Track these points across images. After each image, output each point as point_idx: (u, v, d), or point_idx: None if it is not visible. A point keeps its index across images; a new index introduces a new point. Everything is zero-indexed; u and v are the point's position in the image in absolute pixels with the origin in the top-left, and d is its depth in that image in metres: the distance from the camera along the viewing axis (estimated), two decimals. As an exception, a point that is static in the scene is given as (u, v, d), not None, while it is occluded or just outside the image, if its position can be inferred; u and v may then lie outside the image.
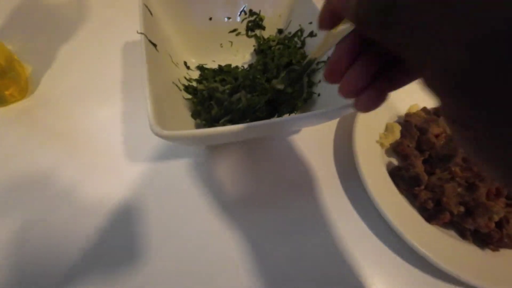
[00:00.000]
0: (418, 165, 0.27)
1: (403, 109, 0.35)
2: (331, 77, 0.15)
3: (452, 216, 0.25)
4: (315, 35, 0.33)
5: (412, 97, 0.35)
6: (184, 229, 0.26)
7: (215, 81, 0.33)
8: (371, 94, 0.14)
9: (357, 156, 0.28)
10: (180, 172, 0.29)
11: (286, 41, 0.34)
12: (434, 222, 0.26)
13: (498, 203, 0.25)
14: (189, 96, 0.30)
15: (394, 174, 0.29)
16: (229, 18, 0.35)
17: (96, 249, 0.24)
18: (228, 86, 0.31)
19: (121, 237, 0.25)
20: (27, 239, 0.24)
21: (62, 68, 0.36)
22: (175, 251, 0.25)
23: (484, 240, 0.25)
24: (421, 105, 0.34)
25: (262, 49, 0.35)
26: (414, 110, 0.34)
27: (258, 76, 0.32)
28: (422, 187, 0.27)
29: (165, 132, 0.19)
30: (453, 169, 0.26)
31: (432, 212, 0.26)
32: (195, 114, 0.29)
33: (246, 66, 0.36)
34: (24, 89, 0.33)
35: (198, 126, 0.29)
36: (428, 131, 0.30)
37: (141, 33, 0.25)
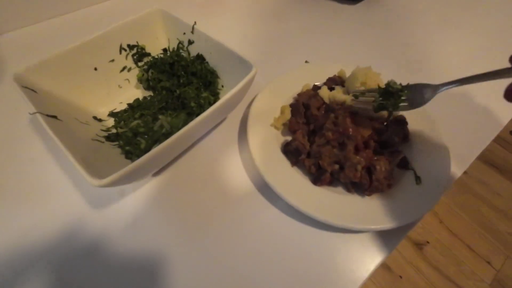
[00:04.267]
0: (298, 137, 0.31)
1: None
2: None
3: (332, 175, 0.29)
4: (193, 42, 0.38)
5: (306, 78, 0.39)
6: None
7: (135, 118, 0.35)
8: None
9: (248, 141, 0.31)
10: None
11: (176, 58, 0.38)
12: (319, 184, 0.29)
13: (365, 154, 0.28)
14: (115, 143, 0.32)
15: (285, 150, 0.32)
16: (112, 60, 0.37)
17: None
18: (148, 118, 0.33)
19: None
20: None
21: None
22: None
23: (359, 189, 0.29)
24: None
25: (163, 69, 0.38)
26: (305, 90, 0.37)
27: (168, 94, 0.36)
28: (303, 156, 0.30)
29: (104, 180, 0.22)
30: (326, 134, 0.30)
31: (316, 175, 0.30)
32: (128, 155, 0.31)
33: (154, 91, 0.39)
34: None
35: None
36: (310, 106, 0.33)
37: (34, 113, 0.26)
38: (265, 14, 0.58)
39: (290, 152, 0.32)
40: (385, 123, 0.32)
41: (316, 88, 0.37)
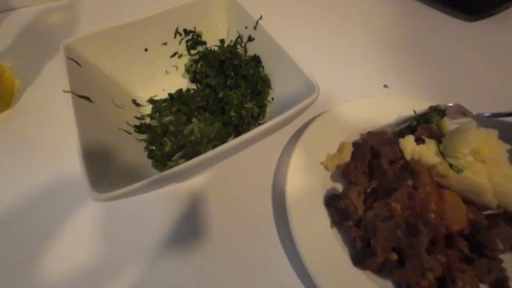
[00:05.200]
0: (351, 194, 0.23)
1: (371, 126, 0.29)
2: None
3: (384, 263, 0.21)
4: (253, 39, 0.32)
5: (382, 111, 0.30)
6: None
7: (171, 112, 0.32)
8: None
9: (287, 179, 0.25)
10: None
11: (229, 55, 0.32)
12: (361, 267, 0.21)
13: (445, 256, 0.19)
14: (143, 137, 0.29)
15: (329, 202, 0.25)
16: (165, 43, 0.33)
17: None
18: (182, 117, 0.30)
19: None
20: None
21: (42, 83, 0.39)
22: None
23: None
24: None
25: (212, 64, 0.33)
26: (380, 129, 0.28)
27: (210, 93, 0.31)
28: (351, 222, 0.23)
29: (104, 196, 0.18)
30: (393, 205, 0.21)
31: (360, 254, 0.22)
32: (151, 154, 0.28)
33: (199, 85, 0.35)
34: (7, 102, 0.37)
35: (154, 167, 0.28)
36: (381, 154, 0.25)
37: (67, 91, 0.24)
38: (350, 15, 0.48)
39: (335, 208, 0.24)
40: (487, 215, 0.22)
41: (396, 130, 0.28)
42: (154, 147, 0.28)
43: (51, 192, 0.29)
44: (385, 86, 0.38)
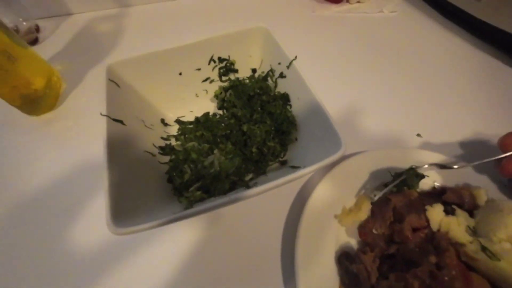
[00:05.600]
0: (365, 260, 0.22)
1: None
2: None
3: None
4: (285, 76, 0.31)
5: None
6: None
7: (195, 136, 0.32)
8: None
9: (299, 230, 0.24)
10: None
11: (258, 91, 0.32)
12: None
13: None
14: (165, 160, 0.31)
15: (341, 261, 0.23)
16: (198, 69, 0.34)
17: None
18: (205, 145, 0.30)
19: None
20: None
21: (85, 89, 0.42)
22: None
23: None
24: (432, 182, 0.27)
25: (240, 96, 0.34)
26: (407, 191, 0.26)
27: (235, 123, 0.32)
28: None
29: (121, 230, 0.19)
30: (410, 281, 0.20)
31: None
32: (170, 180, 0.29)
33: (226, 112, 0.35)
34: (52, 104, 0.40)
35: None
36: (404, 219, 0.23)
37: (104, 115, 0.25)
38: (389, 57, 0.46)
39: (347, 270, 0.23)
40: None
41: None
42: (174, 173, 0.29)
43: (76, 199, 0.31)
44: (418, 135, 0.35)
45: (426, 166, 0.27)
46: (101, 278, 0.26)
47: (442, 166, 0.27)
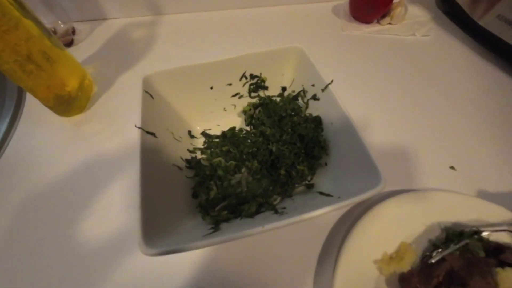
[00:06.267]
0: None
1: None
2: None
3: None
4: (318, 99, 0.31)
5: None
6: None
7: (221, 151, 0.32)
8: None
9: (335, 277, 0.23)
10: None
11: (290, 112, 0.32)
12: None
13: None
14: (191, 174, 0.30)
15: None
16: (229, 84, 0.35)
17: None
18: (232, 163, 0.30)
19: None
20: None
21: (116, 94, 0.43)
22: None
23: None
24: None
25: (270, 115, 0.33)
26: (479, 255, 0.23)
27: (263, 142, 0.31)
28: None
29: (152, 251, 0.19)
30: None
31: None
32: (195, 195, 0.29)
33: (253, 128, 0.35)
34: (83, 107, 0.41)
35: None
36: (468, 283, 0.21)
37: (138, 127, 0.26)
38: (426, 86, 0.44)
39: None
40: None
41: (498, 254, 0.23)
42: (200, 189, 0.28)
43: (100, 205, 0.31)
44: (451, 167, 0.34)
45: (495, 229, 0.24)
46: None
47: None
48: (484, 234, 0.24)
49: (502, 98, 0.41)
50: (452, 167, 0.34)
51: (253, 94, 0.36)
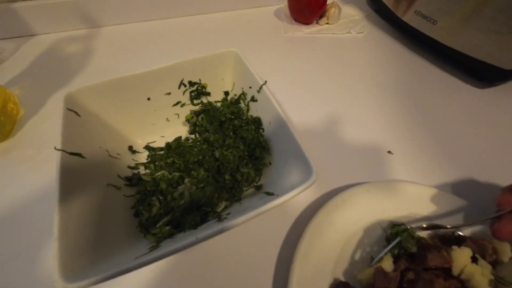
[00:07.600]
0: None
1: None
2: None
3: None
4: (256, 100, 0.31)
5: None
6: None
7: (166, 163, 0.31)
8: None
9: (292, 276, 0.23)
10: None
11: (230, 116, 0.32)
12: None
13: None
14: (132, 192, 0.28)
15: None
16: (168, 93, 0.33)
17: None
18: (175, 174, 0.29)
19: None
20: None
21: (47, 115, 0.39)
22: None
23: None
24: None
25: (212, 121, 0.33)
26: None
27: (208, 149, 0.31)
28: None
29: (74, 285, 0.17)
30: None
31: None
32: (137, 214, 0.27)
33: (198, 136, 0.34)
34: (8, 132, 0.37)
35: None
36: (427, 258, 0.22)
37: (58, 149, 0.23)
38: (354, 77, 0.47)
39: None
40: None
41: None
42: (141, 207, 0.27)
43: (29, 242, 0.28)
44: (389, 152, 0.36)
45: (423, 225, 0.25)
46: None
47: (440, 227, 0.25)
48: (415, 229, 0.25)
49: (427, 82, 0.46)
50: (389, 152, 0.36)
51: (195, 101, 0.35)
